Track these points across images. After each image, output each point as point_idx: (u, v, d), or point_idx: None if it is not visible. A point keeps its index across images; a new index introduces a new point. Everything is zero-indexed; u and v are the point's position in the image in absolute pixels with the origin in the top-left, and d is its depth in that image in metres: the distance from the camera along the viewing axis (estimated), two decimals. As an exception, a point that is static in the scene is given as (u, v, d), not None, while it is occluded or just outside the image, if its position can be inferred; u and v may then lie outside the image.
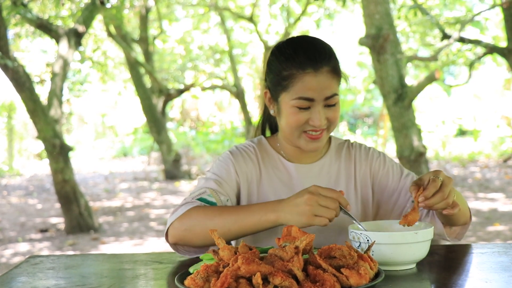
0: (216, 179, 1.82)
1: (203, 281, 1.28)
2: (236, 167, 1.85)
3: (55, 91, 7.76)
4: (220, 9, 13.62)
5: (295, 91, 1.73)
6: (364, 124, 22.47)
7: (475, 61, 7.23)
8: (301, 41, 1.81)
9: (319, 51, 1.76)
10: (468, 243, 1.85)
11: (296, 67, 1.73)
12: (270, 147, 1.92)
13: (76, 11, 9.01)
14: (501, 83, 19.41)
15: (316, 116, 1.73)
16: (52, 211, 9.49)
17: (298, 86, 1.73)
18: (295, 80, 1.73)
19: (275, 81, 1.79)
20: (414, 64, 12.31)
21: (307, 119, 1.75)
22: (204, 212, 1.71)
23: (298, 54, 1.75)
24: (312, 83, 1.72)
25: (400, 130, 5.60)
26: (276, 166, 1.89)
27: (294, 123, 1.76)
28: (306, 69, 1.72)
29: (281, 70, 1.76)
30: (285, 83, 1.75)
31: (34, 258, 1.79)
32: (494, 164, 14.10)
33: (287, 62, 1.76)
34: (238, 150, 1.90)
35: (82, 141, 21.95)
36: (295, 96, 1.73)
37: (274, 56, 1.81)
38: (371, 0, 5.48)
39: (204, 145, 18.05)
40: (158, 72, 14.58)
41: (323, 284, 1.25)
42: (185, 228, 1.70)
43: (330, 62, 1.75)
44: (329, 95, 1.73)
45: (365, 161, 1.91)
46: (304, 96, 1.72)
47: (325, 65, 1.73)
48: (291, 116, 1.75)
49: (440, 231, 1.80)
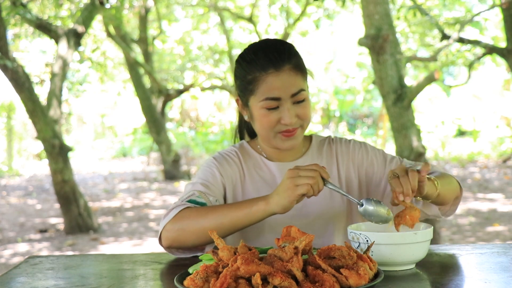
0: (203, 182, 1.84)
1: (203, 282, 1.28)
2: (221, 170, 1.88)
3: (55, 91, 7.76)
4: (219, 10, 13.62)
5: (261, 93, 1.76)
6: (363, 125, 22.47)
7: (474, 61, 7.23)
8: (261, 44, 1.84)
9: (278, 50, 1.78)
10: (467, 244, 1.86)
11: (259, 70, 1.76)
12: (251, 149, 1.95)
13: (76, 12, 9.01)
14: (500, 84, 19.41)
15: (286, 114, 1.75)
16: (51, 211, 9.49)
17: (263, 87, 1.76)
18: (259, 82, 1.76)
19: (242, 87, 1.82)
20: (414, 64, 12.31)
21: (278, 118, 1.77)
22: (196, 211, 1.72)
23: (259, 57, 1.78)
24: (276, 82, 1.75)
25: (399, 131, 5.60)
26: (258, 166, 1.91)
27: (266, 125, 1.78)
28: (268, 70, 1.75)
29: (245, 75, 1.80)
30: (251, 87, 1.78)
31: (33, 259, 1.79)
32: (493, 164, 14.10)
33: (249, 66, 1.79)
34: (221, 155, 1.93)
35: (81, 141, 21.94)
36: (262, 97, 1.76)
37: (238, 64, 1.85)
38: (371, 1, 5.48)
39: (204, 146, 18.05)
40: (158, 72, 14.57)
41: (323, 284, 1.25)
42: (178, 228, 1.71)
43: (291, 59, 1.78)
44: (295, 92, 1.76)
45: (347, 155, 1.92)
46: (270, 96, 1.75)
47: (286, 63, 1.76)
48: (262, 118, 1.78)
49: (435, 212, 1.84)
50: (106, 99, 21.80)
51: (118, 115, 22.79)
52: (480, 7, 11.22)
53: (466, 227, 6.97)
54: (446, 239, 6.29)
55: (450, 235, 6.58)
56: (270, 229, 1.83)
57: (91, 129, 23.36)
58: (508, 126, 17.65)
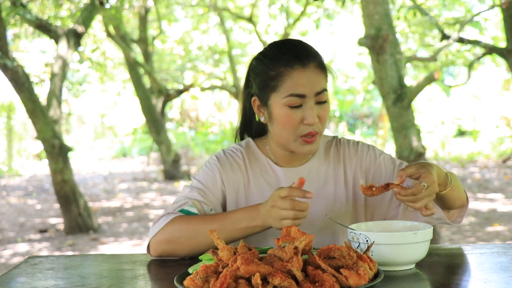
0: (200, 189, 1.80)
1: (203, 282, 1.28)
2: (223, 175, 1.83)
3: (54, 91, 7.76)
4: (219, 10, 13.62)
5: (285, 88, 1.71)
6: (363, 125, 22.47)
7: (474, 61, 7.23)
8: (284, 42, 1.81)
9: (304, 48, 1.77)
10: (467, 244, 1.86)
11: (284, 65, 1.72)
12: (258, 150, 1.89)
13: (75, 12, 9.01)
14: (500, 84, 19.41)
15: (309, 113, 1.71)
16: (51, 211, 9.49)
17: (288, 83, 1.71)
18: (283, 78, 1.72)
19: (263, 84, 1.76)
20: (414, 64, 12.31)
21: (300, 118, 1.72)
22: (186, 222, 1.71)
23: (284, 53, 1.75)
24: (302, 78, 1.71)
25: (399, 131, 5.60)
26: (264, 170, 1.86)
27: (288, 125, 1.73)
28: (293, 65, 1.71)
29: (268, 71, 1.74)
30: (274, 83, 1.73)
31: (33, 259, 1.78)
32: (493, 164, 14.10)
33: (273, 62, 1.74)
34: (226, 156, 1.87)
35: (81, 141, 21.94)
36: (285, 94, 1.71)
37: (259, 61, 1.79)
38: (370, 1, 5.48)
39: (204, 146, 18.04)
40: (158, 72, 14.57)
41: (323, 284, 1.25)
42: (168, 240, 1.70)
43: (316, 57, 1.75)
44: (319, 90, 1.72)
45: (355, 158, 1.89)
46: (295, 92, 1.71)
47: (312, 61, 1.73)
48: (284, 118, 1.72)
49: (440, 215, 1.80)
50: (106, 99, 21.79)
51: (118, 115, 22.78)
52: (480, 7, 11.22)
53: (466, 227, 6.97)
54: (446, 239, 6.29)
55: (450, 235, 6.58)
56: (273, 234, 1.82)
57: (91, 129, 23.36)
58: (508, 126, 17.65)
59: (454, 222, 1.86)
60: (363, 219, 1.87)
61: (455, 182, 1.76)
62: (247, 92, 1.86)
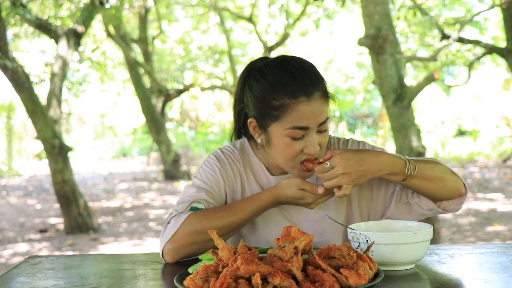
0: (207, 189, 1.78)
1: (203, 282, 1.28)
2: (223, 175, 1.82)
3: (54, 91, 7.76)
4: (219, 10, 13.61)
5: (289, 121, 1.66)
6: (363, 124, 22.47)
7: (474, 61, 7.22)
8: (286, 66, 1.70)
9: (309, 75, 1.68)
10: (467, 243, 1.85)
11: (289, 96, 1.65)
12: (252, 154, 1.86)
13: (75, 11, 9.00)
14: (500, 84, 19.41)
15: (311, 144, 1.68)
16: (51, 211, 9.49)
17: (292, 116, 1.65)
18: (288, 110, 1.65)
19: (264, 111, 1.70)
20: (414, 64, 12.31)
21: (301, 148, 1.69)
22: (205, 215, 1.69)
23: (287, 81, 1.66)
24: (307, 111, 1.65)
25: (399, 131, 5.60)
26: (258, 175, 1.85)
27: (289, 155, 1.70)
28: (299, 97, 1.64)
29: (271, 100, 1.67)
30: (277, 113, 1.67)
31: (33, 259, 1.78)
32: (493, 164, 14.10)
33: (276, 90, 1.67)
34: (224, 155, 1.85)
35: (81, 141, 21.94)
36: (288, 126, 1.66)
37: (257, 82, 1.71)
38: (370, 0, 5.48)
39: (204, 145, 18.04)
40: (157, 72, 14.57)
41: (322, 284, 1.25)
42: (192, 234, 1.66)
43: (320, 85, 1.69)
44: (322, 121, 1.69)
45: None
46: (299, 125, 1.66)
47: (316, 91, 1.67)
48: (285, 147, 1.69)
49: (430, 205, 1.80)
50: (106, 99, 21.79)
51: (118, 115, 22.78)
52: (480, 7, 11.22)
53: (466, 227, 6.97)
54: (446, 239, 6.29)
55: (450, 235, 6.58)
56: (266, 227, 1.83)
57: (91, 129, 23.36)
58: (508, 126, 17.65)
59: (451, 211, 1.83)
60: (358, 218, 1.85)
61: (430, 172, 1.73)
62: (241, 108, 1.82)
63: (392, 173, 1.69)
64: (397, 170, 1.69)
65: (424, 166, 1.73)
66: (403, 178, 1.71)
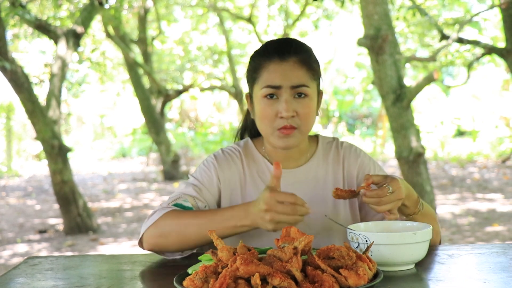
0: (196, 185, 1.81)
1: (202, 282, 1.28)
2: (219, 172, 1.84)
3: (54, 91, 7.76)
4: (218, 10, 13.62)
5: (263, 80, 1.74)
6: (362, 125, 22.48)
7: (473, 61, 7.23)
8: (278, 39, 1.85)
9: (288, 43, 1.79)
10: (466, 244, 1.86)
11: (264, 58, 1.76)
12: (256, 151, 1.89)
13: (75, 12, 9.00)
14: (499, 84, 19.43)
15: (283, 105, 1.71)
16: (50, 212, 9.49)
17: (265, 74, 1.74)
18: (262, 69, 1.75)
19: (248, 76, 1.81)
20: (413, 64, 12.33)
21: (276, 111, 1.73)
22: (177, 217, 1.71)
23: (268, 47, 1.79)
24: (278, 70, 1.73)
25: (398, 131, 5.61)
26: (261, 170, 1.86)
27: (264, 117, 1.74)
28: (272, 58, 1.74)
29: (251, 63, 1.80)
30: (255, 75, 1.77)
31: (32, 259, 1.78)
32: (492, 164, 14.11)
33: (257, 56, 1.79)
34: (223, 154, 1.89)
35: (80, 142, 21.94)
36: (263, 85, 1.74)
37: (251, 59, 1.83)
38: (370, 1, 5.49)
39: (203, 146, 18.05)
40: (157, 72, 14.57)
41: (322, 284, 1.25)
42: (160, 234, 1.70)
43: (298, 53, 1.76)
44: (296, 84, 1.72)
45: (355, 164, 1.88)
46: (271, 84, 1.73)
47: (292, 55, 1.75)
48: (261, 110, 1.75)
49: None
50: (105, 99, 21.80)
51: (118, 115, 22.79)
52: (479, 7, 11.24)
53: (465, 227, 6.97)
54: (445, 239, 6.29)
55: (450, 235, 6.58)
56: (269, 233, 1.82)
57: (90, 130, 23.36)
58: (507, 126, 17.67)
59: None
60: (359, 221, 1.87)
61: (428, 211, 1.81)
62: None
63: (406, 205, 1.75)
64: (411, 202, 1.75)
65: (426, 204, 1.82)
66: (413, 212, 1.77)
